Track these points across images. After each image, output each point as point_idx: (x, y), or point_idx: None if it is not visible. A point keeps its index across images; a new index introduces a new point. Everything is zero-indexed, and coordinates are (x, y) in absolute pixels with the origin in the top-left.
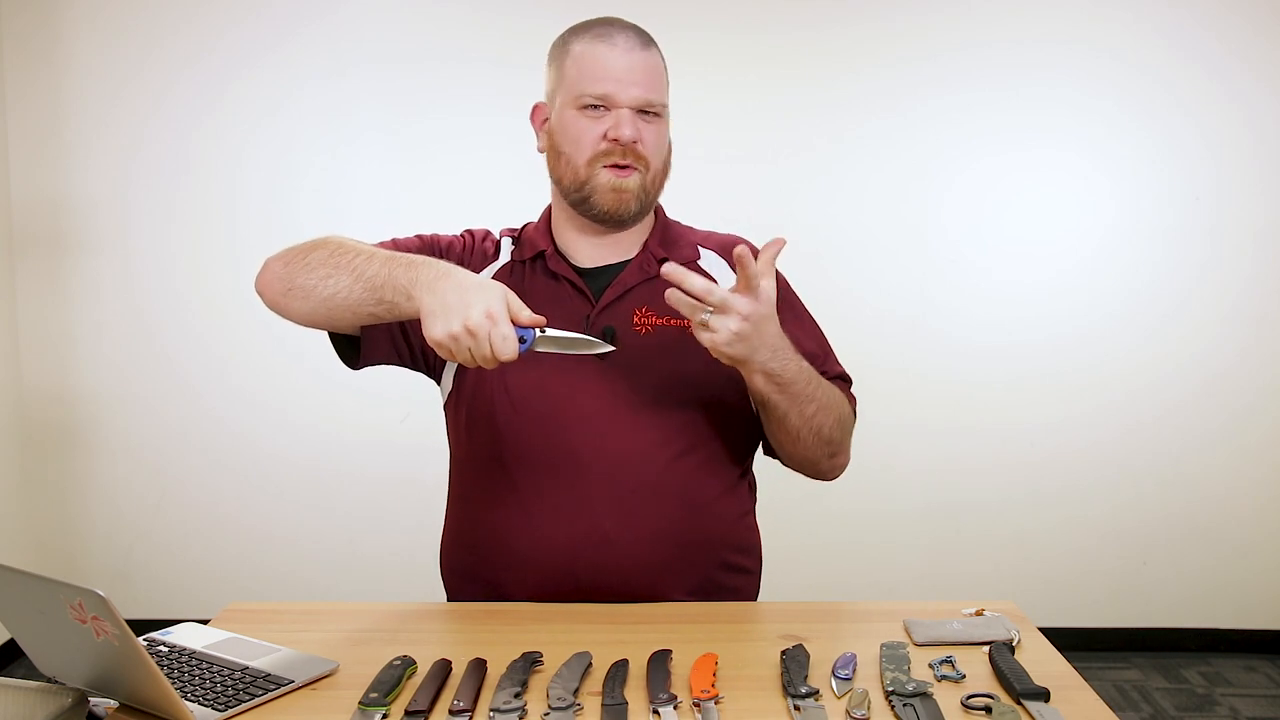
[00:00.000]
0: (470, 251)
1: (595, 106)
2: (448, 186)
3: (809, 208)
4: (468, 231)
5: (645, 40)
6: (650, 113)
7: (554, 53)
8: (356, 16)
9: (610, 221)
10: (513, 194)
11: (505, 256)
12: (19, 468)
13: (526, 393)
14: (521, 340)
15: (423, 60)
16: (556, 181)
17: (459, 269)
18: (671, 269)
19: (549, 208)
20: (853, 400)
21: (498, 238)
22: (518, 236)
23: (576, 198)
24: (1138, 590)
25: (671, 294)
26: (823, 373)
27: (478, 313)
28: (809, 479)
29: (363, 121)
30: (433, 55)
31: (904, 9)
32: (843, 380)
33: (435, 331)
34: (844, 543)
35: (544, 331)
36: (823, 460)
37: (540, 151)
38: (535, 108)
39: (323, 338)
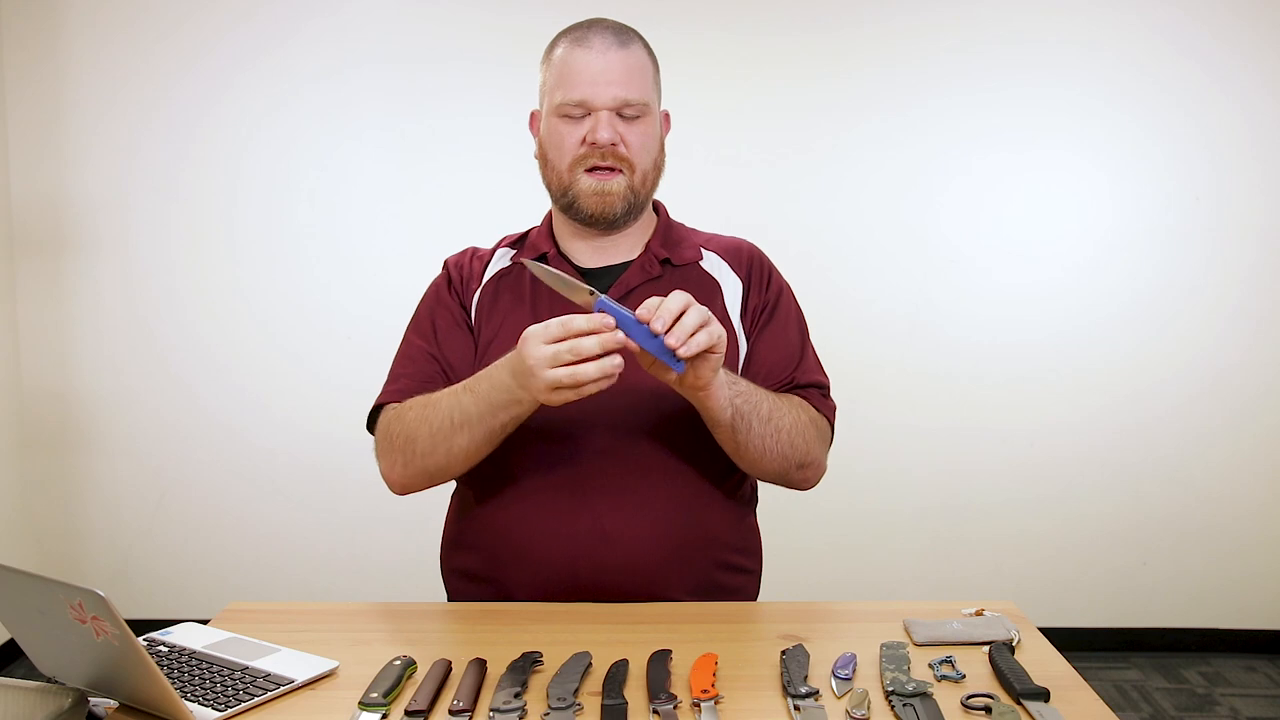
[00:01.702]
0: (462, 282)
1: (575, 111)
2: (448, 187)
3: (808, 208)
4: (444, 266)
5: (624, 39)
6: (632, 113)
7: (542, 60)
8: (357, 16)
9: (598, 224)
10: (513, 194)
11: (503, 262)
12: (19, 468)
13: None
14: (602, 312)
15: (423, 60)
16: (546, 187)
17: (501, 360)
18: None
19: (551, 211)
20: (829, 407)
21: (489, 248)
22: (518, 241)
23: (563, 203)
24: (1138, 590)
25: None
26: (791, 379)
27: (537, 356)
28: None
29: (363, 121)
30: (433, 55)
31: (903, 9)
32: (816, 389)
33: (549, 398)
34: (844, 543)
35: (596, 295)
36: (789, 472)
37: (535, 158)
38: (531, 115)
39: (321, 342)
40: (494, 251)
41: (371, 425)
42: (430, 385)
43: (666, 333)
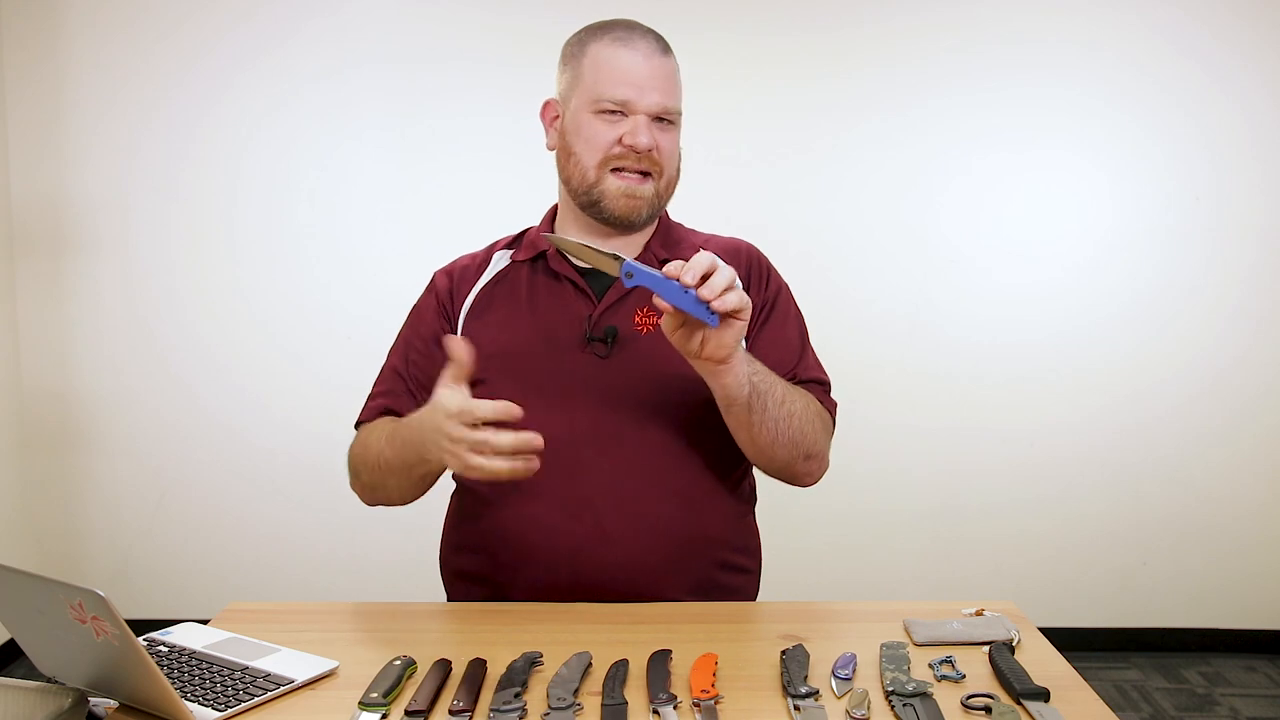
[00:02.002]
0: (450, 293)
1: (613, 110)
2: (448, 187)
3: (808, 209)
4: (431, 280)
5: (664, 46)
6: (666, 120)
7: (570, 51)
8: (357, 16)
9: (620, 226)
10: (514, 194)
11: (501, 263)
12: (19, 468)
13: (526, 393)
14: (630, 275)
15: (423, 60)
16: (565, 181)
17: (417, 416)
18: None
19: (553, 209)
20: (830, 404)
21: (483, 250)
22: (515, 241)
23: (585, 200)
24: (1138, 590)
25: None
26: (793, 375)
27: (458, 436)
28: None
29: (363, 121)
30: (433, 55)
31: (903, 9)
32: (817, 384)
33: (459, 470)
34: (844, 543)
35: (622, 259)
36: (797, 462)
37: (550, 149)
38: (546, 104)
39: (321, 342)
40: (491, 255)
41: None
42: (399, 403)
43: (698, 287)
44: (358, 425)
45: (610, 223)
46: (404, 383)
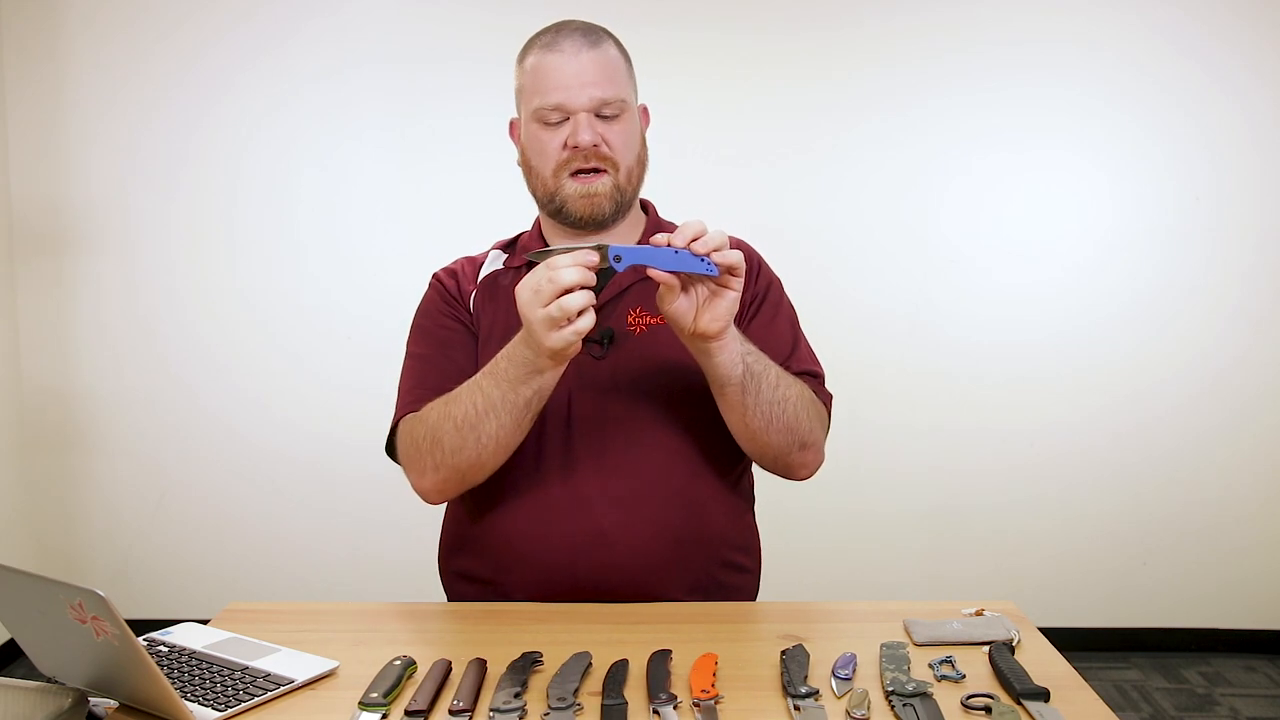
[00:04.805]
0: (458, 287)
1: (553, 116)
2: (448, 187)
3: (808, 209)
4: (434, 279)
5: (594, 39)
6: (610, 111)
7: (516, 69)
8: (357, 16)
9: (588, 227)
10: (514, 195)
11: (496, 264)
12: (19, 468)
13: None
14: (618, 259)
15: (423, 60)
16: (532, 194)
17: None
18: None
19: (538, 218)
20: (826, 396)
21: (481, 254)
22: (509, 245)
23: (551, 208)
24: (1138, 590)
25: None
26: (785, 367)
27: (535, 319)
28: (797, 482)
29: (363, 121)
30: (433, 55)
31: (903, 9)
32: (811, 377)
33: (559, 351)
34: (844, 543)
35: (606, 246)
36: (792, 451)
37: (519, 166)
38: (511, 124)
39: (321, 342)
40: (486, 254)
41: (391, 450)
42: (445, 388)
43: (688, 247)
44: (394, 425)
45: (578, 225)
46: (444, 369)
